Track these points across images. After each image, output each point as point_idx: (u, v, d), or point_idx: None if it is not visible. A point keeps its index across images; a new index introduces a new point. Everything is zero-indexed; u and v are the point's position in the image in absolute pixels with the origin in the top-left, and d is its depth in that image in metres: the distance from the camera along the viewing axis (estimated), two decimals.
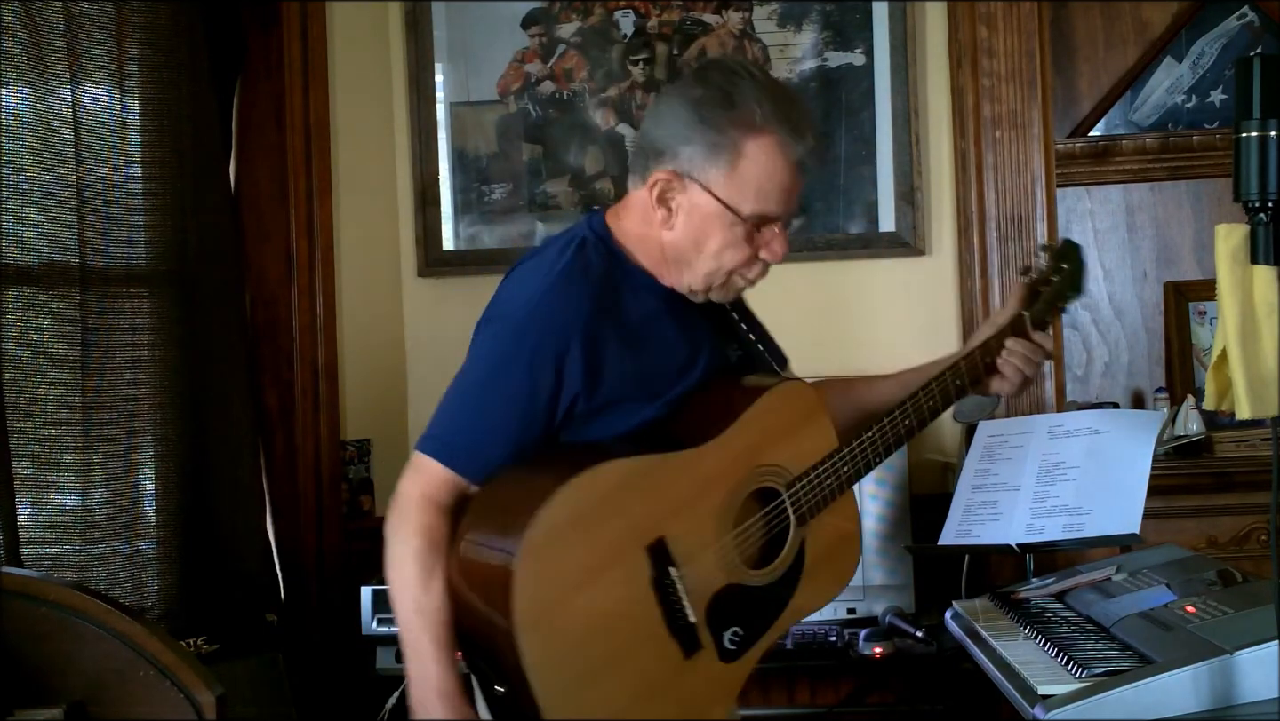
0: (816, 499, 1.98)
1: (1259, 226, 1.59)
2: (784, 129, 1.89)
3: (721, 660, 1.91)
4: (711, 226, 1.91)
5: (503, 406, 1.88)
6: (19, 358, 2.66)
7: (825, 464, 1.98)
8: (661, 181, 1.91)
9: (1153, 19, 3.64)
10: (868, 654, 2.93)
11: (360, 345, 3.45)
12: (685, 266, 1.95)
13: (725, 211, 1.89)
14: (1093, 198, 3.68)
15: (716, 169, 1.88)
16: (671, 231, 1.93)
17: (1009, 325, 2.13)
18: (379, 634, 3.03)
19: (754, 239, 1.92)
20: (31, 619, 2.06)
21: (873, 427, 2.02)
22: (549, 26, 3.56)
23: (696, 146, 1.88)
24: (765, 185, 1.89)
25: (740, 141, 1.88)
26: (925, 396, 2.07)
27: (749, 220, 1.90)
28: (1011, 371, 2.11)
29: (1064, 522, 2.74)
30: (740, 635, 1.92)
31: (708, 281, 1.95)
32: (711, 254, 1.92)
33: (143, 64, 2.87)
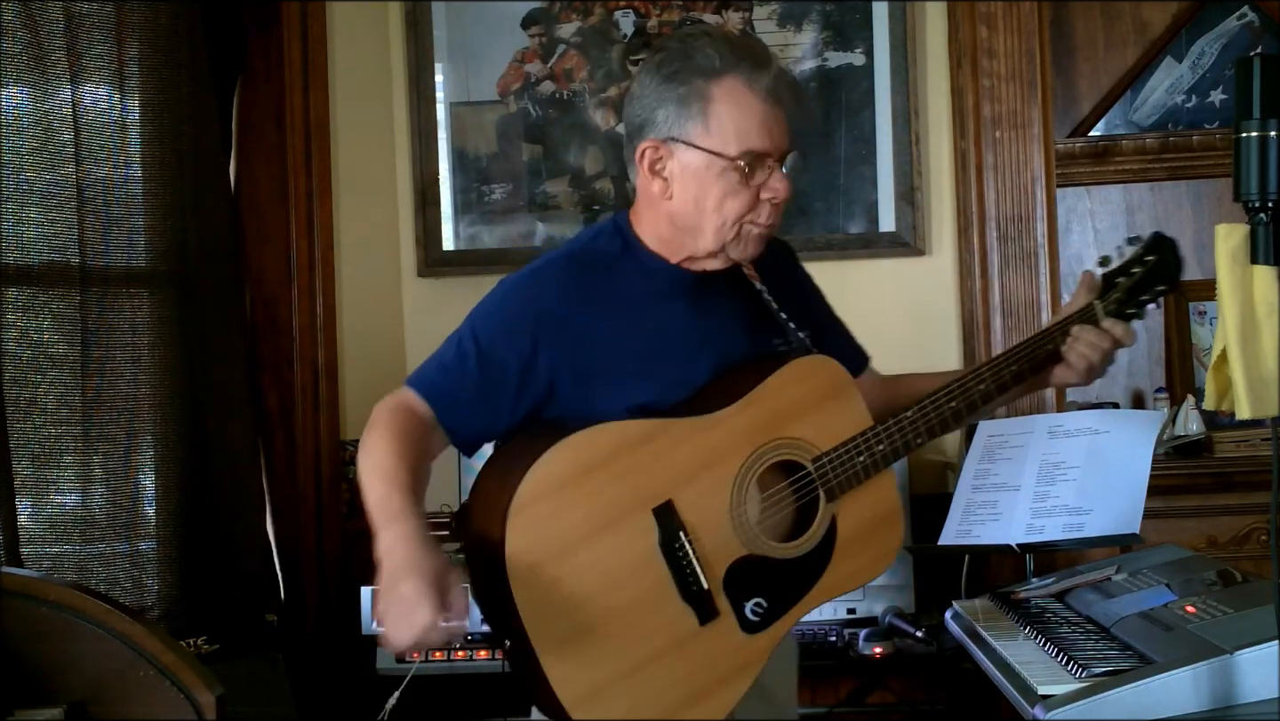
0: (847, 475, 1.96)
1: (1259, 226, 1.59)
2: (744, 65, 1.91)
3: (744, 630, 1.91)
4: (705, 180, 1.92)
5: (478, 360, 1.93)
6: (19, 357, 2.66)
7: (857, 440, 1.97)
8: (648, 151, 1.94)
9: (1153, 19, 3.64)
10: (868, 654, 2.93)
11: (360, 345, 3.45)
12: (694, 231, 1.95)
13: (712, 159, 1.90)
14: (1093, 198, 3.68)
15: (692, 121, 1.90)
16: (671, 200, 1.95)
17: (1077, 313, 2.09)
18: (379, 634, 3.02)
19: (751, 182, 1.92)
20: (31, 619, 2.07)
21: (913, 407, 2.01)
22: (549, 26, 3.56)
23: (668, 106, 1.91)
24: (742, 123, 1.90)
25: (706, 87, 1.90)
26: (975, 380, 2.04)
27: (738, 161, 1.90)
28: (1076, 358, 2.06)
29: (1064, 522, 2.74)
30: (764, 607, 1.91)
31: (719, 238, 1.95)
32: (713, 208, 1.93)
33: (143, 64, 2.87)
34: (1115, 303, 2.10)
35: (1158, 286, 2.14)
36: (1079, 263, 3.67)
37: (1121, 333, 2.08)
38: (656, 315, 1.97)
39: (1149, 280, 2.13)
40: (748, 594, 1.91)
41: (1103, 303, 2.09)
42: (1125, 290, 2.11)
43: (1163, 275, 2.15)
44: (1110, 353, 2.08)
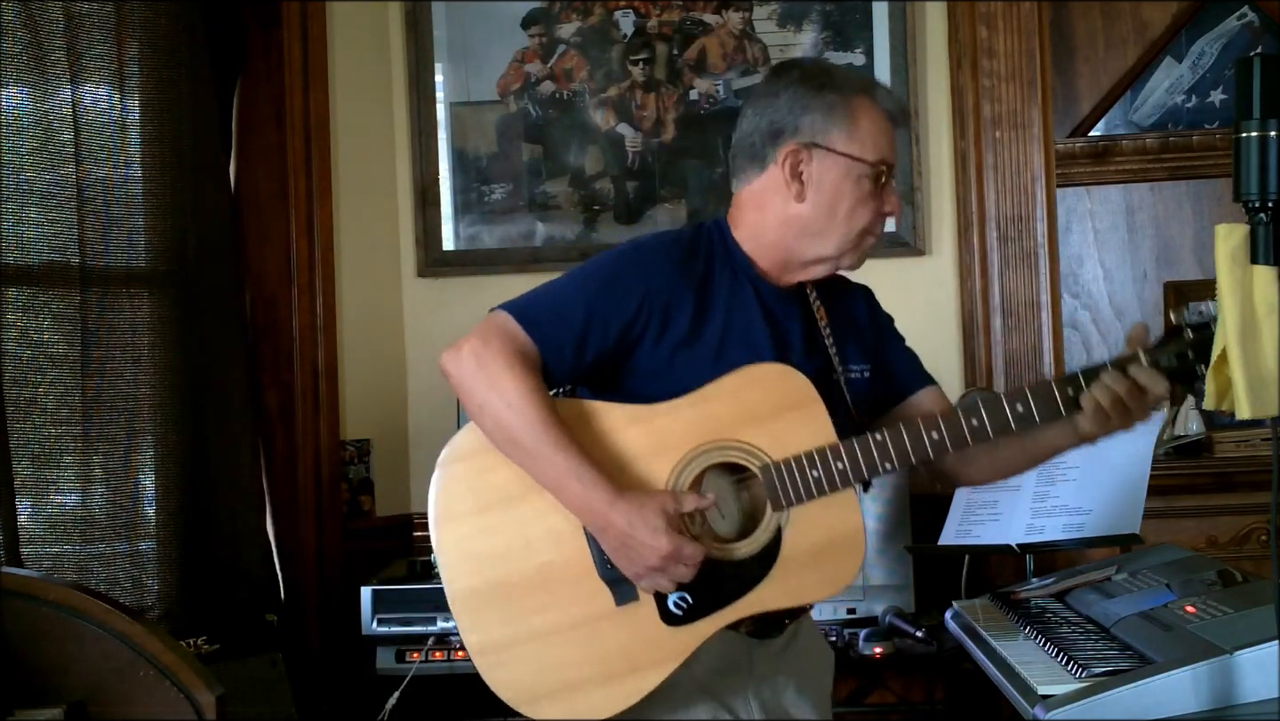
0: (797, 488, 1.91)
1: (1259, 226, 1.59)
2: (876, 87, 2.04)
3: (665, 622, 1.90)
4: (842, 186, 1.98)
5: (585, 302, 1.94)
6: (19, 358, 2.66)
7: (813, 454, 1.92)
8: (791, 154, 1.99)
9: (1153, 19, 3.65)
10: (868, 654, 2.93)
11: (360, 345, 3.45)
12: (816, 236, 2.00)
13: (853, 165, 1.98)
14: (1093, 198, 3.68)
15: (838, 127, 1.98)
16: (802, 203, 2.00)
17: (1116, 359, 1.89)
18: (379, 634, 3.03)
19: (877, 194, 2.00)
20: (31, 619, 2.06)
21: (886, 430, 1.93)
22: (549, 26, 3.56)
23: (815, 113, 1.99)
24: (879, 135, 2.00)
25: (850, 98, 1.99)
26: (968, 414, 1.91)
27: (875, 168, 1.98)
28: (1088, 402, 1.86)
29: (1064, 522, 2.74)
30: (688, 602, 1.90)
31: (840, 246, 2.01)
32: (844, 215, 1.99)
33: (143, 64, 2.86)
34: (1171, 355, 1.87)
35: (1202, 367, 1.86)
36: (1079, 263, 3.68)
37: (1146, 379, 1.85)
38: (740, 314, 2.00)
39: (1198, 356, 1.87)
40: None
41: (1151, 352, 1.87)
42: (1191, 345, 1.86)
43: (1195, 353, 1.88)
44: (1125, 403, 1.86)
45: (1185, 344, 1.87)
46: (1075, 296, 3.66)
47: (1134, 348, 1.89)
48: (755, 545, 1.92)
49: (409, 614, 3.01)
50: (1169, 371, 1.86)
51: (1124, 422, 1.88)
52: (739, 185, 2.06)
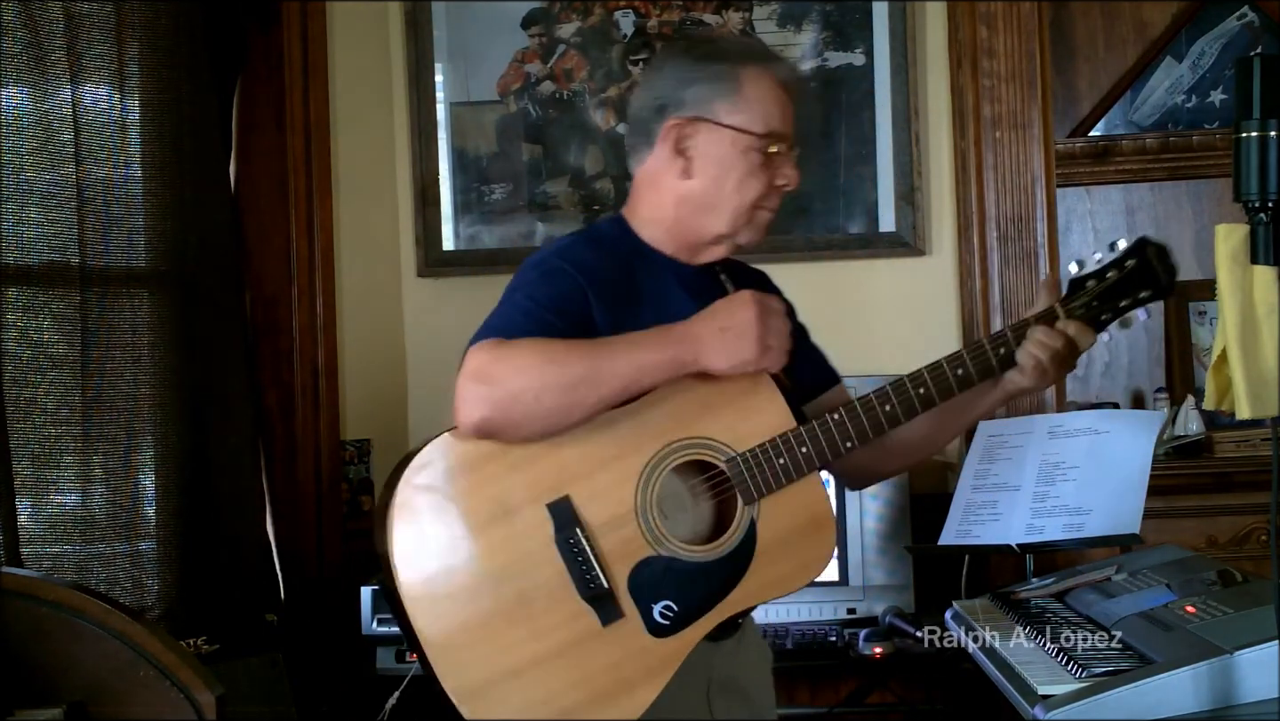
0: (765, 477, 1.88)
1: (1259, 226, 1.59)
2: (766, 55, 2.03)
3: (652, 633, 1.85)
4: (730, 159, 1.95)
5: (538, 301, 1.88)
6: (19, 357, 2.66)
7: (776, 441, 1.90)
8: (675, 128, 1.96)
9: (1153, 19, 3.65)
10: (868, 654, 2.93)
11: (360, 345, 3.45)
12: (709, 211, 1.97)
13: (740, 136, 1.94)
14: (1093, 198, 3.68)
15: (722, 99, 1.95)
16: (691, 179, 1.97)
17: (1035, 315, 2.00)
18: (379, 634, 3.03)
19: (769, 166, 1.96)
20: (31, 619, 2.06)
21: (841, 408, 1.93)
22: (549, 26, 3.56)
23: (700, 85, 1.95)
24: (768, 105, 1.96)
25: (735, 69, 1.95)
26: (915, 382, 1.95)
27: (764, 140, 1.94)
28: (1024, 357, 1.96)
29: (1064, 522, 2.74)
30: (674, 610, 1.85)
31: (734, 221, 1.98)
32: (734, 189, 1.95)
33: (143, 64, 2.86)
34: (1081, 306, 2.01)
35: (1140, 292, 2.03)
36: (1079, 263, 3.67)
37: (1076, 332, 1.98)
38: (667, 301, 1.96)
39: (1126, 285, 2.02)
40: (655, 595, 1.85)
41: (1065, 305, 2.01)
42: (1095, 294, 2.02)
43: (1144, 280, 2.03)
44: (1063, 355, 1.97)
45: (1089, 293, 2.02)
46: None
47: (1050, 301, 2.02)
48: (731, 542, 1.89)
49: None
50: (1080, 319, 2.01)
51: (1058, 376, 2.00)
52: (634, 167, 2.03)
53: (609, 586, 1.84)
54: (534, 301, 1.89)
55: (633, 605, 1.85)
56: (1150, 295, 2.04)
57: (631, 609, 1.85)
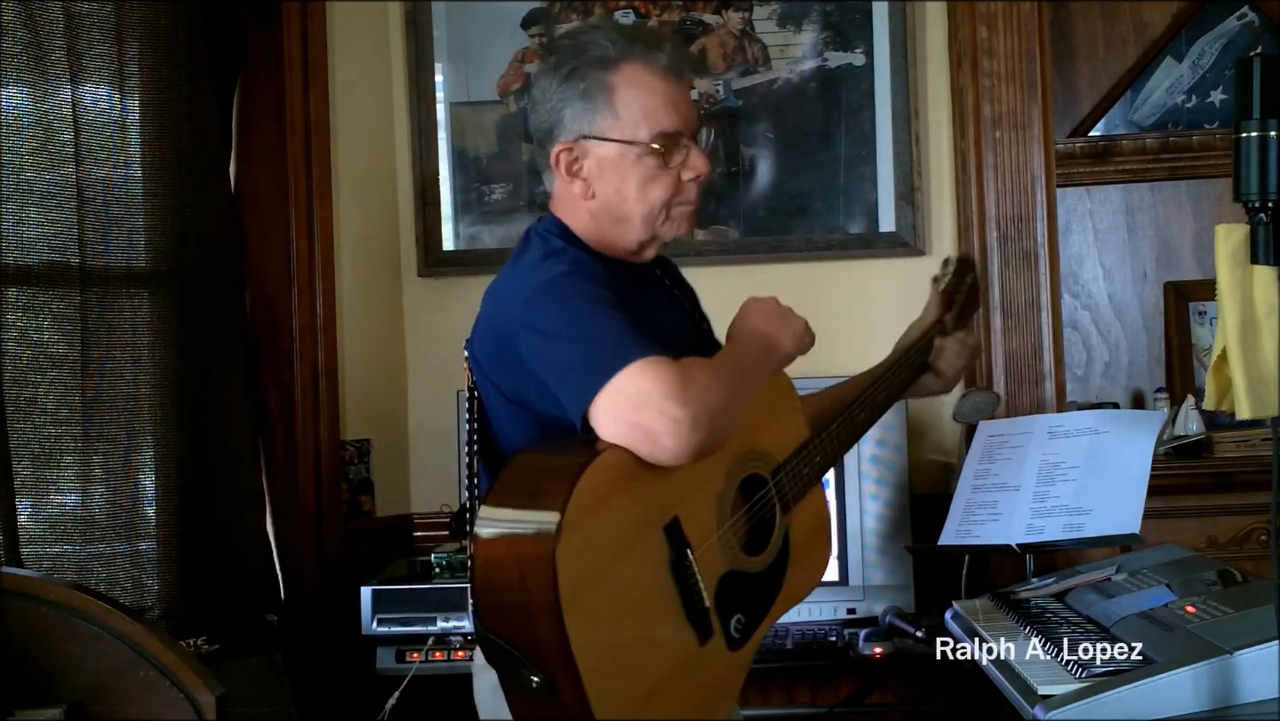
0: (797, 486, 1.96)
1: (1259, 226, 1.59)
2: (638, 47, 1.90)
3: (729, 648, 1.85)
4: (624, 170, 1.90)
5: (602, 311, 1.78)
6: (19, 357, 2.66)
7: (802, 451, 1.96)
8: (563, 155, 1.91)
9: (1153, 19, 3.65)
10: (868, 654, 2.93)
11: (360, 345, 3.45)
12: (623, 223, 1.93)
13: (626, 148, 1.89)
14: (1093, 198, 3.68)
15: (598, 114, 1.88)
16: (594, 199, 1.92)
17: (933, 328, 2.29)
18: (379, 634, 3.03)
19: (669, 163, 1.91)
20: (31, 619, 2.06)
21: (838, 419, 2.04)
22: (549, 26, 3.56)
23: (572, 105, 1.89)
24: (649, 105, 1.88)
25: (605, 77, 1.88)
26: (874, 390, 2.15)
27: (653, 145, 1.89)
28: (947, 365, 2.26)
29: (1064, 522, 2.74)
30: (743, 622, 1.86)
31: (649, 226, 1.93)
32: (637, 197, 1.90)
33: (143, 64, 2.86)
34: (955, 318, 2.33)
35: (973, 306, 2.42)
36: (1079, 263, 3.68)
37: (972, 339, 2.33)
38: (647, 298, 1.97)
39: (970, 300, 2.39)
40: (731, 610, 1.85)
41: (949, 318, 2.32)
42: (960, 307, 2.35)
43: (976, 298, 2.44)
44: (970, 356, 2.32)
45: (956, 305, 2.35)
46: (1075, 296, 3.66)
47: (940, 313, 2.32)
48: (774, 551, 1.93)
49: (409, 614, 3.01)
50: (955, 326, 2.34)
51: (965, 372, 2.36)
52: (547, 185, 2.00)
53: (707, 605, 1.81)
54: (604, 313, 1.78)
55: (718, 621, 1.84)
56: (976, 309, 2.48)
57: (717, 625, 1.84)
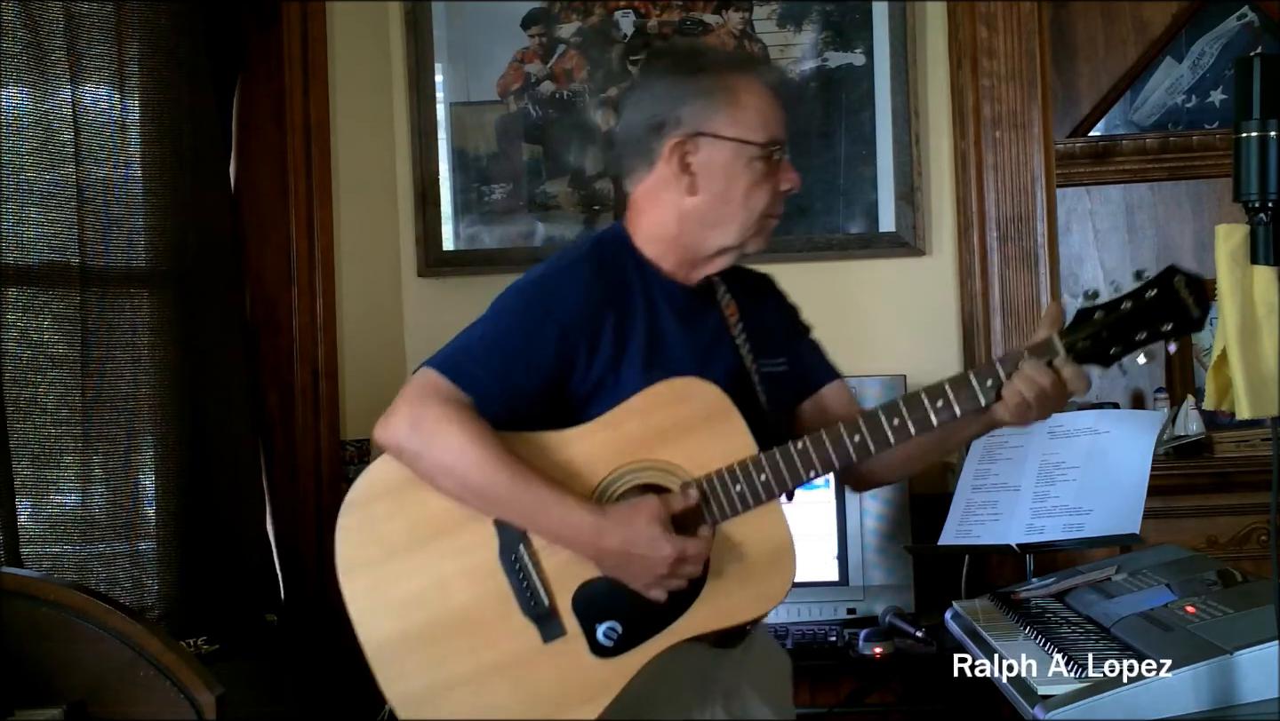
0: (721, 504, 1.85)
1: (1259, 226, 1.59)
2: (750, 66, 2.00)
3: (594, 654, 1.84)
4: (734, 171, 1.93)
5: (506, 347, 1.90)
6: (19, 357, 2.66)
7: (734, 468, 1.86)
8: (676, 146, 1.93)
9: (1153, 19, 3.65)
10: (868, 654, 2.93)
11: (360, 345, 3.45)
12: (716, 226, 1.95)
13: (742, 148, 1.92)
14: (1093, 198, 3.68)
15: (720, 111, 1.92)
16: (695, 196, 1.94)
17: (1030, 346, 1.86)
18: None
19: (772, 173, 1.95)
20: (31, 619, 2.06)
21: (807, 437, 1.87)
22: (549, 26, 3.56)
23: (693, 102, 1.92)
24: (764, 111, 1.94)
25: (728, 80, 1.93)
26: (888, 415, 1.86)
27: (764, 149, 1.93)
28: (1012, 398, 1.83)
29: (1064, 522, 2.74)
30: (618, 632, 1.84)
31: (742, 233, 1.96)
32: (741, 200, 1.94)
33: (143, 64, 2.86)
34: (1085, 339, 1.83)
35: (1163, 325, 1.82)
36: (1079, 263, 3.68)
37: (1071, 375, 1.82)
38: (658, 321, 1.95)
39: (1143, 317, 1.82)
40: (600, 616, 1.85)
41: (1065, 337, 1.84)
42: (1102, 325, 1.83)
43: (1168, 312, 1.82)
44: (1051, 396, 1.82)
45: (1097, 325, 1.84)
46: (1075, 296, 3.66)
47: (1049, 331, 1.86)
48: None
49: None
50: (1083, 353, 1.83)
51: (1043, 415, 1.85)
52: (630, 185, 2.00)
53: (550, 605, 1.85)
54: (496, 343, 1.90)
55: (576, 624, 1.85)
56: (1174, 328, 1.82)
57: (575, 628, 1.85)
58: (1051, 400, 1.83)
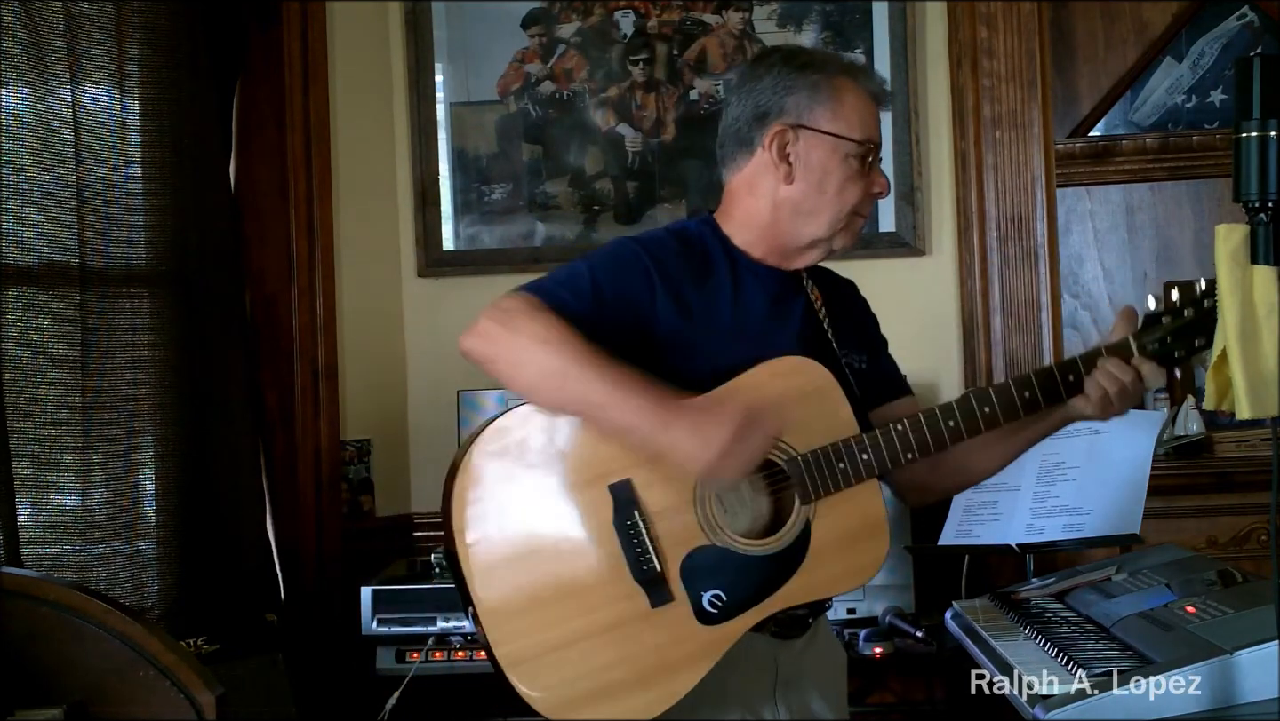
0: (825, 480, 1.91)
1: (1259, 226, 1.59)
2: (856, 67, 2.08)
3: (700, 620, 1.88)
4: (830, 165, 1.99)
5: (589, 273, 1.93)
6: (19, 357, 2.66)
7: (839, 445, 1.93)
8: (777, 135, 1.99)
9: (1153, 19, 3.65)
10: (868, 654, 2.93)
11: (360, 345, 3.45)
12: (808, 216, 2.00)
13: (840, 143, 1.99)
14: (1093, 198, 3.68)
15: (822, 106, 1.99)
16: (791, 185, 2.00)
17: (1110, 345, 1.97)
18: (379, 634, 3.03)
19: (865, 172, 2.01)
20: (31, 619, 2.06)
21: (906, 420, 1.95)
22: (549, 26, 3.56)
23: (799, 93, 1.99)
24: (863, 112, 2.01)
25: (833, 79, 2.00)
26: (980, 401, 1.95)
27: (862, 147, 1.99)
28: (1094, 389, 1.94)
29: (1064, 522, 2.74)
30: (722, 600, 1.88)
31: (832, 226, 2.01)
32: (834, 194, 1.99)
33: (143, 64, 2.86)
34: (1156, 341, 1.96)
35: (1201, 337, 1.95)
36: (1079, 263, 3.68)
37: (1149, 371, 1.94)
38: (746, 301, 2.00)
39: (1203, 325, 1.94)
40: (706, 584, 1.89)
41: (1139, 339, 1.96)
42: (1169, 330, 1.95)
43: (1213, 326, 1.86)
44: (1130, 391, 1.94)
45: (1165, 329, 1.96)
46: (1075, 296, 3.66)
47: (1125, 332, 1.97)
48: (785, 539, 1.92)
49: (409, 614, 3.01)
50: (1154, 354, 1.96)
51: (1123, 408, 1.97)
52: (729, 174, 2.07)
53: (661, 570, 1.88)
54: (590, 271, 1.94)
55: (683, 591, 1.89)
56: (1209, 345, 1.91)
57: (682, 594, 1.89)
58: (1131, 394, 1.96)
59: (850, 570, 1.95)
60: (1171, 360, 1.97)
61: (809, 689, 2.04)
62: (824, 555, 1.92)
